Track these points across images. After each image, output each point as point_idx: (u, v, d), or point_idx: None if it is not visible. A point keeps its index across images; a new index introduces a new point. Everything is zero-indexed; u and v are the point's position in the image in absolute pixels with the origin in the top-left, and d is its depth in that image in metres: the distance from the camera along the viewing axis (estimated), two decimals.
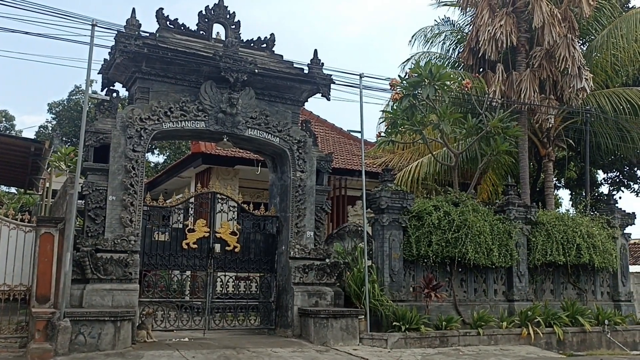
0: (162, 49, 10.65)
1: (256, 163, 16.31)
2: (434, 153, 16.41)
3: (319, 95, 12.15)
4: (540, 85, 17.72)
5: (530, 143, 18.94)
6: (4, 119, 41.47)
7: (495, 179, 20.74)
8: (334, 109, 77.80)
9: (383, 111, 18.23)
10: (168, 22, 11.19)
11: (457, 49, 21.06)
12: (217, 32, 12.13)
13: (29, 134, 49.04)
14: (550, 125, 18.15)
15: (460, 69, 19.90)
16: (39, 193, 18.70)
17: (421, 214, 12.30)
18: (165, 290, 11.57)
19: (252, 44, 11.89)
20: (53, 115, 39.94)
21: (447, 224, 12.22)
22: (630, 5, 22.14)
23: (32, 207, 20.47)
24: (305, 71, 11.99)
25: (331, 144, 20.69)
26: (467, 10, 19.93)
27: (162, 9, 11.19)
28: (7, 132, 37.87)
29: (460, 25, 21.20)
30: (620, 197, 27.16)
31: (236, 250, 11.59)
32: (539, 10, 16.99)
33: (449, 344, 11.47)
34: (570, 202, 30.53)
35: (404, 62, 21.28)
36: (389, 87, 13.72)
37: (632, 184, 27.01)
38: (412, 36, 21.39)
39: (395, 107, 13.90)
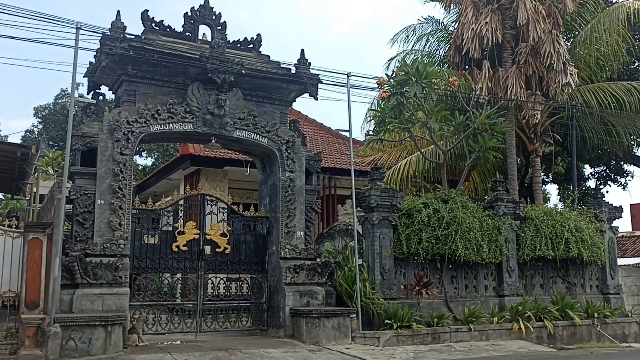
0: (148, 51, 10.60)
1: (245, 164, 16.28)
2: (422, 151, 16.47)
3: (307, 95, 12.16)
4: (526, 81, 17.82)
5: (518, 139, 19.05)
6: None
7: (483, 175, 20.86)
8: (322, 109, 77.91)
9: (370, 110, 18.29)
10: (154, 24, 11.14)
11: (443, 47, 21.10)
12: (204, 34, 12.09)
13: (15, 138, 48.69)
14: (537, 121, 18.26)
15: (446, 67, 19.96)
16: (27, 198, 18.54)
17: (411, 212, 12.34)
18: (156, 294, 11.51)
19: (238, 45, 11.88)
20: (39, 119, 39.59)
21: (437, 221, 12.27)
22: (614, 0, 22.29)
23: (19, 212, 20.31)
24: (293, 71, 11.99)
25: (320, 143, 20.69)
26: (452, 8, 19.99)
27: (147, 11, 11.14)
28: None
29: (445, 23, 21.26)
30: (607, 191, 27.36)
31: (227, 251, 11.57)
32: (523, 6, 17.09)
33: (441, 340, 11.52)
34: (558, 197, 30.77)
35: (389, 60, 21.31)
36: (376, 85, 13.76)
37: (618, 177, 27.24)
38: (395, 35, 21.40)
39: (383, 106, 13.94)
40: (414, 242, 12.16)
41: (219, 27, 11.70)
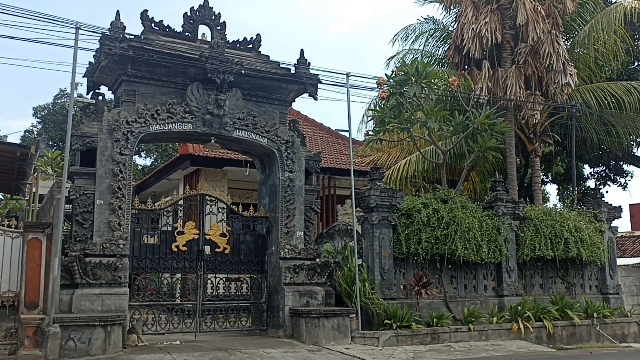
0: (148, 51, 10.60)
1: (245, 164, 16.27)
2: (421, 151, 16.46)
3: (306, 95, 12.15)
4: (525, 81, 17.82)
5: (517, 139, 19.05)
6: None
7: (483, 175, 20.86)
8: (322, 108, 77.93)
9: (369, 110, 18.30)
10: (153, 24, 11.14)
11: (442, 47, 21.10)
12: (203, 34, 12.09)
13: (14, 138, 48.60)
14: (537, 121, 18.27)
15: (446, 67, 19.96)
16: (26, 198, 18.54)
17: (410, 212, 12.33)
18: (155, 294, 11.52)
19: (238, 45, 11.87)
20: (38, 120, 39.59)
21: (436, 221, 12.27)
22: (613, 0, 22.29)
23: (19, 212, 20.30)
24: (292, 71, 11.98)
25: (319, 143, 20.69)
26: (452, 9, 19.97)
27: (146, 11, 11.14)
28: None
29: (445, 23, 21.26)
30: (607, 191, 27.43)
31: (226, 251, 11.57)
32: (523, 7, 17.10)
33: (440, 340, 11.52)
34: (558, 197, 30.80)
35: (389, 59, 21.31)
36: (375, 85, 13.76)
37: (618, 177, 27.27)
38: (395, 35, 21.40)
39: (382, 106, 13.94)
40: (414, 242, 12.16)
41: (219, 27, 11.70)
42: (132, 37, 10.70)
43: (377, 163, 19.83)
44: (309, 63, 12.06)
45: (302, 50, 12.12)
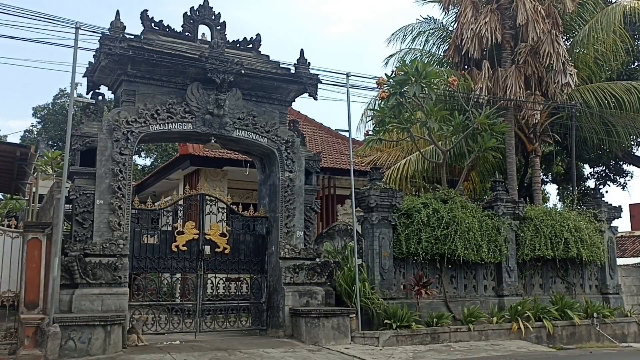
0: (148, 51, 10.60)
1: (244, 164, 16.28)
2: (421, 151, 16.46)
3: (306, 95, 12.15)
4: (525, 81, 17.83)
5: (517, 139, 19.06)
6: None
7: (483, 175, 20.86)
8: (322, 108, 77.93)
9: (369, 109, 18.28)
10: (153, 24, 11.14)
11: (442, 47, 21.10)
12: (203, 34, 12.09)
13: (14, 138, 48.59)
14: (537, 121, 18.27)
15: (446, 67, 19.96)
16: (26, 198, 18.53)
17: (410, 212, 12.33)
18: (155, 294, 11.52)
19: (238, 45, 11.87)
20: (38, 119, 39.59)
21: (436, 221, 12.27)
22: (613, 0, 22.28)
23: (19, 212, 20.30)
24: (292, 71, 11.98)
25: (319, 143, 20.69)
26: (451, 9, 19.97)
27: (146, 10, 11.13)
28: None
29: (444, 23, 21.26)
30: (607, 191, 27.45)
31: (226, 251, 11.57)
32: (523, 6, 17.11)
33: (440, 340, 11.52)
34: (558, 197, 30.82)
35: (388, 57, 21.29)
36: (375, 85, 13.75)
37: (618, 177, 27.28)
38: (393, 34, 21.36)
39: (382, 106, 13.94)
40: (414, 242, 12.16)
41: (219, 27, 11.69)
42: (132, 37, 10.70)
43: (377, 163, 19.84)
44: (309, 63, 12.06)
45: (302, 50, 12.13)
